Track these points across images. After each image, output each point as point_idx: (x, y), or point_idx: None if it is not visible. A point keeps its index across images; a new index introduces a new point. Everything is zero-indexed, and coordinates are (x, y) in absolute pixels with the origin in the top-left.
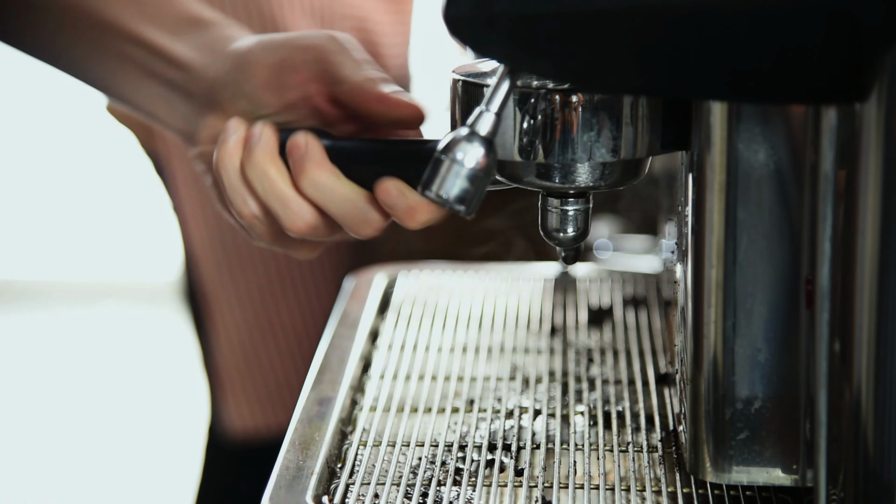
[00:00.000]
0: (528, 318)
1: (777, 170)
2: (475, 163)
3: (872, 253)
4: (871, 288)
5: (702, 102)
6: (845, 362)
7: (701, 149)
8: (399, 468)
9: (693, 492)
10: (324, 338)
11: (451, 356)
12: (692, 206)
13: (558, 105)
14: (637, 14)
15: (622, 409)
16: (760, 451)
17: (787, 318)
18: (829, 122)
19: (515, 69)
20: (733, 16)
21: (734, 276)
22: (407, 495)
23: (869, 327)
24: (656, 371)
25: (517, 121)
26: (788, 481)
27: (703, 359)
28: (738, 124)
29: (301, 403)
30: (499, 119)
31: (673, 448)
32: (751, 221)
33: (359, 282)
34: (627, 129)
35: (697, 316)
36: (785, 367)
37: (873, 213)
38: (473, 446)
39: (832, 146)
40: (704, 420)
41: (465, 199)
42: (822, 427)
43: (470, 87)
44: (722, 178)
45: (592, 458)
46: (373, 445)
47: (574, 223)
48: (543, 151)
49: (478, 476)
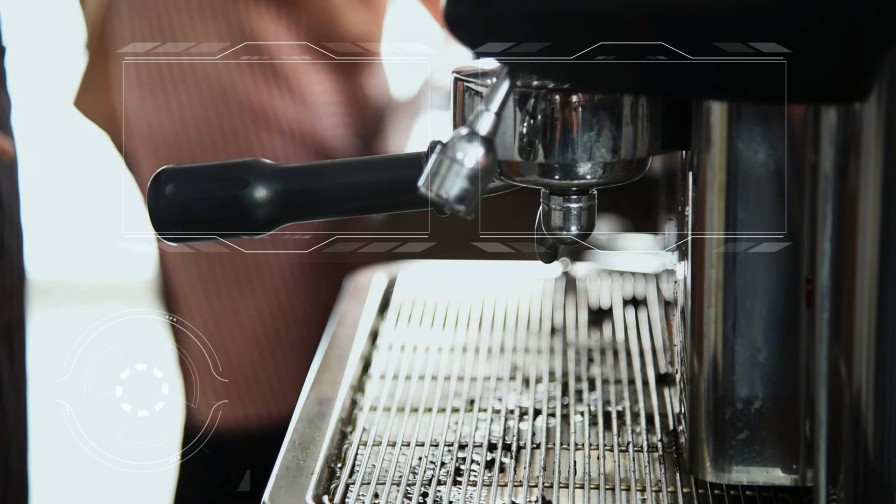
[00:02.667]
0: (528, 318)
1: (777, 170)
2: (475, 162)
3: (872, 253)
4: (871, 288)
5: (702, 102)
6: (845, 362)
7: (701, 149)
8: (399, 468)
9: (693, 492)
10: (324, 338)
11: (451, 356)
12: (692, 206)
13: (558, 105)
14: (636, 13)
15: (622, 409)
16: (760, 450)
17: (787, 318)
18: (829, 122)
19: (515, 69)
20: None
21: (734, 276)
22: (407, 495)
23: (869, 327)
24: (656, 371)
25: (517, 121)
26: (788, 481)
27: (703, 359)
28: (738, 124)
29: (301, 403)
30: (499, 119)
31: (673, 448)
32: (751, 221)
33: (359, 282)
34: (627, 129)
35: (697, 316)
36: (785, 367)
37: (873, 213)
38: (473, 446)
39: (832, 146)
40: (704, 420)
41: (465, 199)
42: (822, 427)
43: (470, 87)
44: (722, 178)
45: (592, 458)
46: (373, 445)
47: (578, 220)
48: (543, 151)
49: (478, 476)
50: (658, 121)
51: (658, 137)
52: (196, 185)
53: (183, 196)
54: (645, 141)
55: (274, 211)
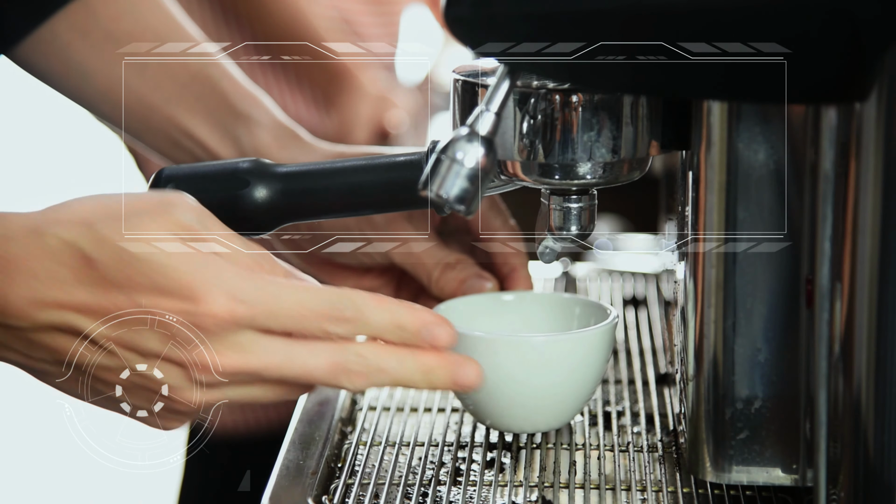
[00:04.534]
0: None
1: (777, 170)
2: (475, 162)
3: (872, 253)
4: (871, 288)
5: (702, 102)
6: (845, 362)
7: (701, 149)
8: (399, 468)
9: (693, 492)
10: None
11: None
12: (692, 206)
13: (558, 105)
14: (636, 13)
15: (622, 409)
16: (760, 450)
17: (787, 318)
18: (829, 122)
19: (515, 69)
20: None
21: (734, 276)
22: (407, 495)
23: (869, 327)
24: (656, 371)
25: (517, 121)
26: (788, 481)
27: (703, 359)
28: (738, 124)
29: (301, 403)
30: (499, 119)
31: (673, 448)
32: (751, 221)
33: None
34: (627, 129)
35: (697, 316)
36: (785, 367)
37: (873, 213)
38: (473, 446)
39: (832, 146)
40: (704, 420)
41: (465, 199)
42: (822, 427)
43: (470, 86)
44: (722, 178)
45: (592, 458)
46: (373, 445)
47: (578, 220)
48: (543, 151)
49: (478, 476)
50: (658, 121)
51: (658, 137)
52: (196, 185)
53: None
54: (645, 141)
55: (274, 211)
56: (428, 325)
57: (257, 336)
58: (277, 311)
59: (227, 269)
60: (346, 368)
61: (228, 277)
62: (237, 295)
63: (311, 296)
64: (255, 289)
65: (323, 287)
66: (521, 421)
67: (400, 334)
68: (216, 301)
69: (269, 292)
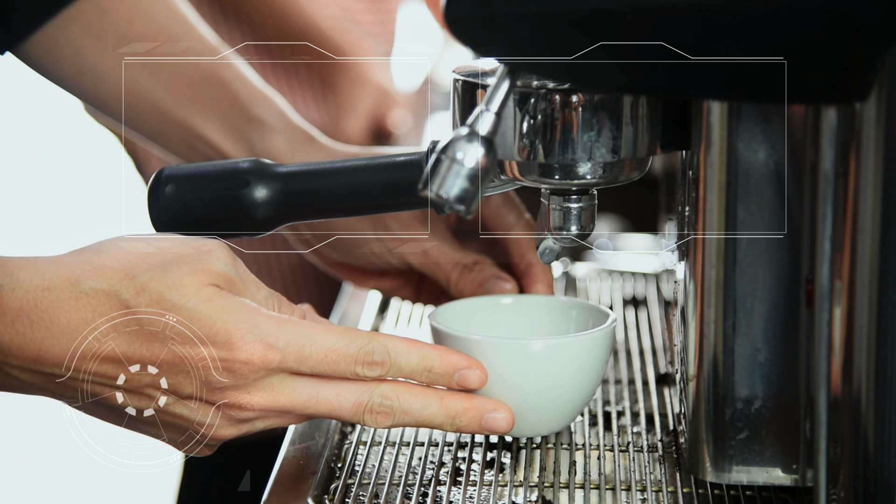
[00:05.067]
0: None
1: (777, 170)
2: (475, 162)
3: (872, 253)
4: (871, 288)
5: (702, 102)
6: (845, 362)
7: (701, 149)
8: (399, 468)
9: (693, 492)
10: None
11: None
12: (692, 206)
13: (558, 105)
14: (636, 13)
15: (622, 409)
16: (760, 450)
17: (787, 318)
18: (829, 122)
19: (515, 69)
20: (733, 15)
21: (734, 276)
22: (407, 495)
23: (869, 327)
24: (656, 371)
25: (517, 121)
26: (788, 481)
27: (703, 359)
28: (738, 124)
29: None
30: (499, 119)
31: (673, 448)
32: (751, 221)
33: None
34: (627, 128)
35: (697, 316)
36: (785, 367)
37: (873, 213)
38: (473, 446)
39: (832, 146)
40: (704, 420)
41: (465, 199)
42: (822, 427)
43: (470, 86)
44: (722, 178)
45: (592, 458)
46: (373, 445)
47: (578, 220)
48: (543, 151)
49: (478, 476)
50: (658, 121)
51: (658, 137)
52: (196, 185)
53: (183, 196)
54: (645, 141)
55: (274, 211)
56: (458, 369)
57: (288, 378)
58: (308, 355)
59: (258, 315)
60: (370, 409)
61: (261, 323)
62: (270, 341)
63: (341, 340)
64: (287, 333)
65: (353, 330)
66: (520, 424)
67: (429, 377)
68: (251, 347)
69: (302, 337)
